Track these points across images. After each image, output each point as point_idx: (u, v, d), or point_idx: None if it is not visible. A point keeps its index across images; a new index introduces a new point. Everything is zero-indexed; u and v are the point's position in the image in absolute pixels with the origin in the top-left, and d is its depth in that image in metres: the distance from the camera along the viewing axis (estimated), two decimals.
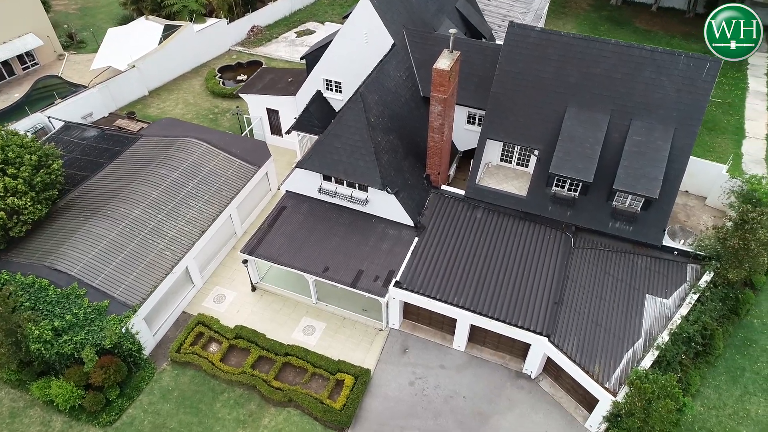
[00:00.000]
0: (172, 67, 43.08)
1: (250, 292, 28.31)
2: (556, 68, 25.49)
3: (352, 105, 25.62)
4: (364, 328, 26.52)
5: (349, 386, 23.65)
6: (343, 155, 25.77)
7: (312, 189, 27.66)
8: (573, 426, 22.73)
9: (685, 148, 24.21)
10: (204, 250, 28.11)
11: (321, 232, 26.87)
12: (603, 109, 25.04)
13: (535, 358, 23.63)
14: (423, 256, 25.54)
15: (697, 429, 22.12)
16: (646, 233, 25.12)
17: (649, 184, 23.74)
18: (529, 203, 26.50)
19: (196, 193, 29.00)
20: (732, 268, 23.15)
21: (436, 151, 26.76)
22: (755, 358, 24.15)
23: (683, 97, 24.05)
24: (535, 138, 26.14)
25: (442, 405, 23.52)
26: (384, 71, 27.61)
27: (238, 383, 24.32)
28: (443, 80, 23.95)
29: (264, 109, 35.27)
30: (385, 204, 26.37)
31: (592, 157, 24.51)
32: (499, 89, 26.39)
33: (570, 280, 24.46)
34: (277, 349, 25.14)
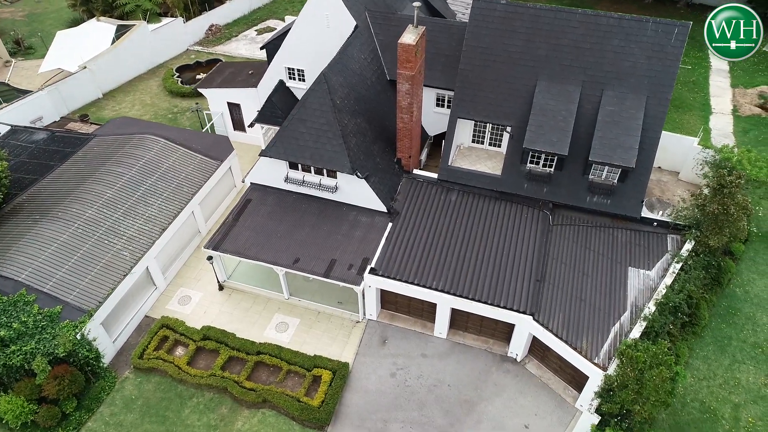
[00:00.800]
0: (126, 68, 41.22)
1: (218, 291, 26.71)
2: (524, 41, 24.84)
3: (315, 87, 24.45)
4: (341, 322, 25.19)
5: (327, 382, 22.27)
6: (309, 140, 24.54)
7: (278, 179, 26.31)
8: (563, 407, 21.80)
9: (658, 115, 23.75)
10: (166, 250, 26.42)
11: (289, 223, 25.52)
12: (574, 81, 24.45)
13: (519, 340, 22.67)
14: (398, 241, 24.42)
15: (689, 401, 21.44)
16: (624, 205, 24.53)
17: (625, 153, 23.16)
18: (505, 182, 25.68)
19: (154, 190, 27.31)
20: (713, 234, 22.68)
21: (405, 132, 25.75)
22: (741, 327, 23.70)
23: (654, 64, 23.63)
24: (506, 114, 25.38)
25: (426, 395, 22.32)
26: (347, 53, 26.56)
27: (207, 387, 22.68)
28: (409, 56, 23.00)
29: (225, 103, 33.82)
30: (355, 190, 25.20)
31: (566, 129, 23.85)
32: (467, 66, 25.59)
33: (550, 257, 23.65)
34: (249, 348, 23.61)
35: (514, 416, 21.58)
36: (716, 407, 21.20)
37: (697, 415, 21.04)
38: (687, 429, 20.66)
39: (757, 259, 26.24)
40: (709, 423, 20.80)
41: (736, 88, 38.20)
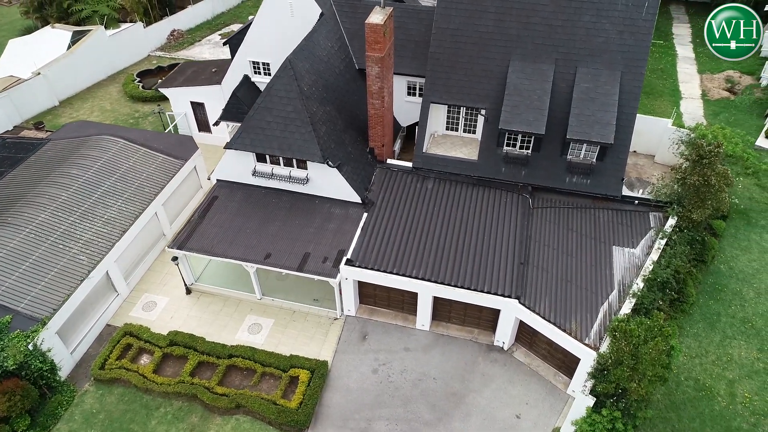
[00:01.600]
0: (84, 74, 39.49)
1: (185, 295, 25.09)
2: (494, 21, 24.24)
3: (281, 74, 23.36)
4: (317, 320, 23.83)
5: (305, 382, 20.86)
6: (276, 130, 23.37)
7: (245, 174, 25.02)
8: (554, 394, 20.79)
9: (634, 91, 23.31)
10: (127, 254, 24.76)
11: (259, 218, 24.19)
12: (547, 60, 23.89)
13: (506, 327, 21.65)
14: (374, 231, 23.30)
15: (684, 379, 20.67)
16: (605, 184, 23.93)
17: (603, 129, 22.59)
18: (481, 166, 24.87)
19: (113, 191, 25.70)
20: (695, 208, 22.17)
21: (377, 119, 24.79)
22: (728, 303, 23.15)
23: (626, 39, 23.24)
24: (480, 97, 24.66)
25: (411, 390, 21.07)
26: (313, 40, 25.58)
27: (175, 395, 21.01)
28: (378, 36, 22.12)
29: (188, 103, 32.43)
30: (327, 181, 24.06)
31: (542, 108, 23.20)
32: (438, 49, 24.85)
33: (533, 240, 22.81)
34: (220, 352, 22.06)
35: (504, 407, 20.46)
36: (711, 384, 20.47)
37: (692, 393, 20.26)
38: (683, 408, 19.84)
39: (738, 235, 25.89)
40: (706, 400, 20.03)
41: (703, 74, 38.47)
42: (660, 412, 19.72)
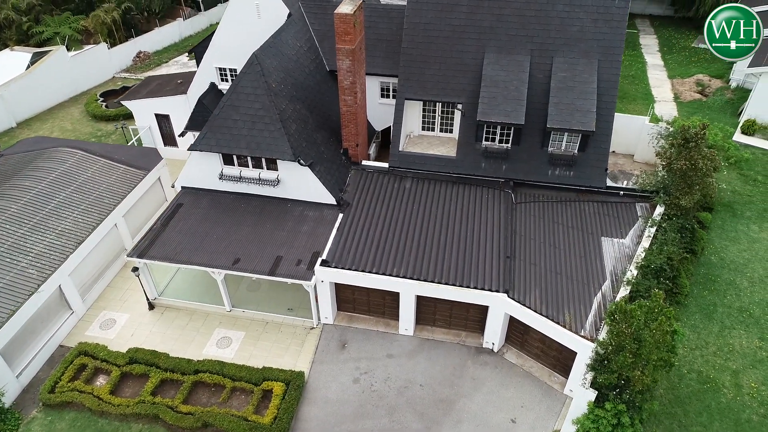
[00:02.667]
0: (44, 95, 37.85)
1: (148, 311, 23.12)
2: (467, 14, 23.70)
3: (247, 70, 22.25)
4: (292, 330, 22.06)
5: (279, 395, 18.97)
6: (244, 128, 22.10)
7: (212, 179, 23.56)
8: (551, 395, 19.27)
9: (612, 79, 22.80)
10: (84, 268, 22.82)
11: (227, 224, 22.62)
12: (522, 50, 23.33)
13: (494, 326, 20.22)
14: (351, 231, 21.91)
15: (686, 372, 19.39)
16: (588, 176, 23.11)
17: (583, 117, 21.90)
18: (460, 163, 23.89)
19: (69, 203, 23.88)
20: (683, 194, 21.38)
21: (350, 117, 23.73)
22: (723, 293, 22.17)
23: (601, 27, 22.86)
24: (456, 91, 23.87)
25: (396, 398, 19.32)
26: (281, 39, 24.65)
27: (135, 416, 18.88)
28: (348, 27, 21.27)
29: (152, 116, 31.00)
30: (299, 182, 22.73)
31: (520, 99, 22.48)
32: (410, 44, 24.14)
33: (518, 234, 21.68)
34: (185, 368, 20.08)
35: (498, 411, 18.83)
36: (715, 376, 19.22)
37: (696, 386, 18.96)
38: (688, 402, 18.49)
39: (726, 227, 25.18)
40: (711, 393, 18.73)
41: (673, 79, 38.69)
42: (665, 407, 18.33)
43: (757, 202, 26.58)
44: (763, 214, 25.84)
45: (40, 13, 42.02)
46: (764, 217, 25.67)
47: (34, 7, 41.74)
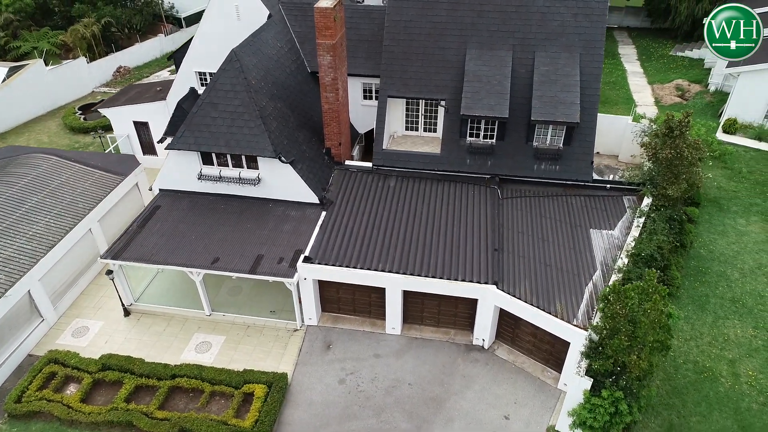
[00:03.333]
0: (20, 109, 37.07)
1: (123, 318, 22.12)
2: (448, 11, 23.65)
3: (226, 66, 21.85)
4: (275, 333, 21.19)
5: (261, 398, 18.03)
6: (223, 126, 21.56)
7: (191, 180, 22.88)
8: (545, 390, 18.55)
9: (594, 72, 22.76)
10: (56, 273, 21.85)
11: (206, 225, 21.89)
12: (504, 46, 23.27)
13: (484, 321, 19.56)
14: (334, 228, 21.29)
15: (682, 362, 18.83)
16: (574, 169, 22.85)
17: (567, 109, 21.74)
18: (445, 159, 23.54)
19: (41, 207, 23.00)
20: (669, 184, 21.16)
21: (332, 115, 23.34)
22: (714, 284, 21.80)
23: (581, 21, 22.90)
24: (438, 88, 23.65)
25: (384, 398, 18.46)
26: (261, 38, 24.36)
27: (106, 425, 17.77)
28: (328, 22, 21.04)
29: (131, 124, 30.37)
30: (281, 180, 22.15)
31: (503, 92, 22.30)
32: (392, 42, 23.98)
33: (505, 228, 21.22)
34: (161, 373, 19.07)
35: (490, 408, 18.04)
36: (711, 366, 18.67)
37: (693, 376, 18.38)
38: (686, 392, 17.89)
39: (713, 221, 24.99)
40: (709, 382, 18.16)
41: (653, 84, 39.07)
42: (662, 398, 17.70)
43: (743, 197, 26.51)
44: (750, 209, 25.74)
45: (18, 29, 41.51)
46: (751, 211, 25.55)
47: (12, 23, 41.26)
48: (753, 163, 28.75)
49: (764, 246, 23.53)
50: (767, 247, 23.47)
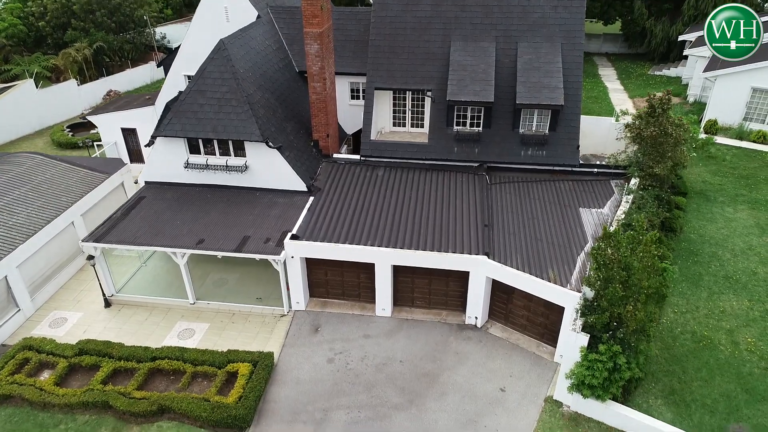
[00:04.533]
0: (8, 127, 37.01)
1: (103, 309, 21.35)
2: (432, 6, 24.35)
3: (214, 55, 22.11)
4: (261, 319, 20.51)
5: (246, 375, 17.23)
6: (210, 112, 21.61)
7: (177, 170, 22.69)
8: (541, 364, 17.92)
9: (576, 60, 23.31)
10: (35, 263, 21.23)
11: (192, 212, 21.56)
12: (487, 38, 23.87)
13: (476, 296, 19.08)
14: (322, 212, 21.05)
15: (680, 333, 18.35)
16: (561, 154, 23.00)
17: (551, 93, 22.10)
18: (433, 148, 23.65)
19: (23, 200, 22.59)
20: (656, 163, 21.32)
21: (320, 106, 23.52)
22: (707, 264, 21.60)
23: (561, 13, 23.65)
24: (424, 79, 24.03)
25: (374, 375, 17.71)
26: (249, 34, 24.82)
27: (81, 406, 16.79)
28: (315, 10, 21.54)
29: (119, 131, 30.40)
30: (268, 167, 22.03)
31: (488, 79, 22.70)
32: (378, 37, 24.53)
33: (494, 209, 21.09)
34: (141, 356, 18.24)
35: (485, 382, 17.34)
36: (710, 335, 18.21)
37: (691, 345, 17.88)
38: (686, 360, 17.35)
39: (701, 209, 25.05)
40: (708, 350, 17.65)
41: (634, 98, 40.09)
42: (662, 365, 17.13)
43: (729, 189, 26.70)
44: (736, 199, 25.88)
45: (10, 53, 42.07)
46: (737, 201, 25.68)
47: (5, 47, 41.85)
48: (736, 160, 29.17)
49: (753, 230, 23.51)
50: (756, 230, 23.45)
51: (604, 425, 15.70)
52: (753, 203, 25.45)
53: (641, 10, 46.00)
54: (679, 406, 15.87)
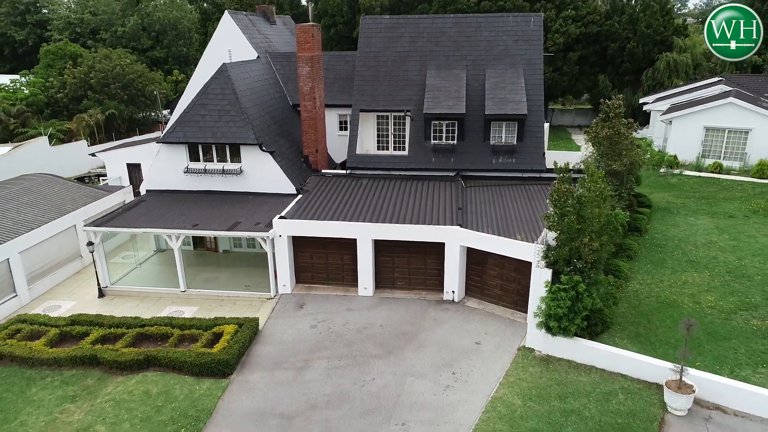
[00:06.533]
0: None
1: (97, 298, 22.19)
2: (410, 42, 27.89)
3: (217, 75, 25.03)
4: (248, 302, 21.37)
5: (231, 332, 17.95)
6: (210, 121, 24.08)
7: (177, 178, 24.62)
8: (514, 325, 18.71)
9: (537, 82, 26.34)
10: (36, 254, 22.40)
11: (188, 207, 23.22)
12: (459, 66, 27.11)
13: (453, 268, 20.23)
14: (310, 203, 22.77)
15: (645, 297, 19.35)
16: (528, 161, 25.21)
17: (516, 105, 24.82)
18: (412, 159, 25.92)
19: (31, 204, 24.26)
20: (613, 161, 23.51)
21: (310, 123, 26.11)
22: (671, 252, 22.97)
23: (521, 45, 27.12)
24: (403, 101, 26.85)
25: (355, 335, 18.41)
26: (248, 67, 28.04)
27: (69, 361, 17.30)
28: (308, 37, 24.87)
29: (124, 166, 32.72)
30: (262, 172, 24.06)
31: (460, 96, 25.53)
32: (363, 68, 27.75)
33: (468, 201, 22.87)
34: (130, 323, 18.98)
35: (461, 338, 18.05)
36: (674, 298, 19.19)
37: (657, 305, 18.82)
38: (651, 315, 18.22)
39: (665, 219, 26.82)
40: (672, 308, 18.56)
41: None
42: (628, 319, 17.99)
43: (690, 205, 28.70)
44: (697, 211, 27.78)
45: (28, 119, 45.64)
46: (698, 213, 27.56)
47: (24, 113, 45.50)
48: (696, 186, 31.46)
49: (714, 231, 25.14)
50: (716, 231, 25.08)
51: (573, 362, 16.30)
52: (713, 214, 27.30)
53: (605, 83, 50.84)
54: (644, 344, 16.60)
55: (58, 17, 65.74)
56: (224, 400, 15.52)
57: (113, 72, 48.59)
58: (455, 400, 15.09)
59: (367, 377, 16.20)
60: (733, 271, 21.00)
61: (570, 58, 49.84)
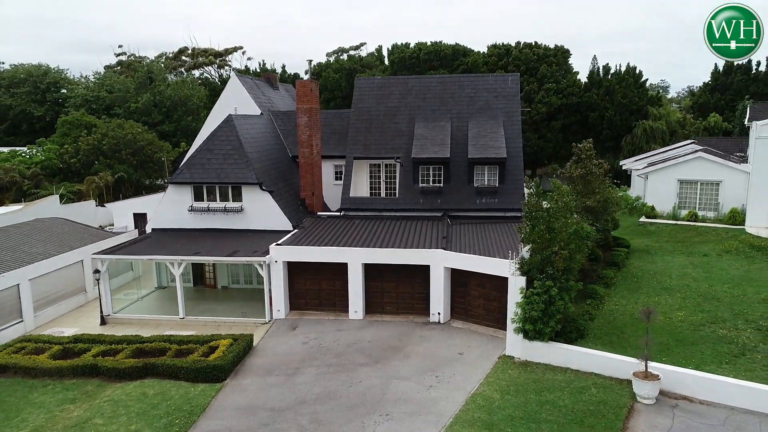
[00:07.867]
0: None
1: (99, 326, 23.17)
2: (399, 99, 30.69)
3: (223, 125, 27.51)
4: (244, 327, 22.34)
5: (226, 345, 18.90)
6: (216, 164, 26.22)
7: (181, 216, 26.37)
8: (495, 340, 19.64)
9: (515, 132, 28.80)
10: (44, 283, 23.66)
11: (191, 239, 24.77)
12: (444, 119, 29.70)
13: (438, 288, 21.45)
14: (306, 234, 24.32)
15: (620, 314, 20.39)
16: (509, 201, 27.05)
17: (496, 150, 27.07)
18: (402, 200, 27.80)
19: (43, 240, 25.91)
20: (587, 198, 25.34)
21: (307, 168, 28.26)
22: (647, 282, 24.14)
23: (500, 101, 29.87)
24: (393, 150, 29.18)
25: (344, 349, 19.34)
26: (253, 119, 30.63)
27: (71, 371, 18.15)
28: (306, 90, 27.63)
29: (131, 216, 34.56)
30: (261, 210, 25.88)
31: (445, 143, 27.88)
32: (357, 121, 30.36)
33: (454, 235, 24.46)
34: (130, 340, 19.95)
35: (445, 350, 18.98)
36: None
37: (630, 320, 19.76)
38: (625, 328, 19.15)
39: (643, 258, 28.15)
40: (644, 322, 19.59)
41: None
42: (602, 330, 18.97)
43: (667, 248, 30.14)
44: (674, 252, 29.21)
45: (41, 181, 48.07)
46: (675, 253, 28.97)
47: (38, 175, 48.00)
48: (673, 232, 33.01)
49: (688, 266, 26.43)
50: (691, 266, 26.37)
51: (550, 365, 17.17)
52: (688, 254, 28.72)
53: None
54: (617, 349, 17.50)
55: (76, 96, 70.34)
56: (218, 398, 16.29)
57: (125, 139, 51.71)
58: (437, 396, 15.88)
59: (355, 380, 17.03)
60: (703, 294, 22.17)
61: (553, 126, 53.22)
